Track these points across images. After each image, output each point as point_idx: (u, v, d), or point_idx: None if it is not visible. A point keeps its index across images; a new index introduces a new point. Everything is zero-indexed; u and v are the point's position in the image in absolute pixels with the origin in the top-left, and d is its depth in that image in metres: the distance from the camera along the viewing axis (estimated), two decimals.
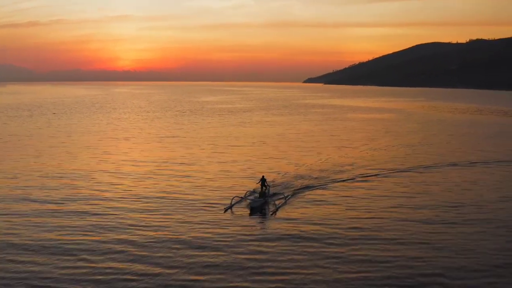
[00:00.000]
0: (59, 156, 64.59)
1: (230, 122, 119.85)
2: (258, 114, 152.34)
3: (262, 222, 36.20)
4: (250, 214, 37.36)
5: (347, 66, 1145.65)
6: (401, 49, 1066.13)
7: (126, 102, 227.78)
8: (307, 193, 44.92)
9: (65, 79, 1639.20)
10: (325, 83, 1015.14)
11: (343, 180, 51.15)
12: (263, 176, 42.22)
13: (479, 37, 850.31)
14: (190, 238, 31.75)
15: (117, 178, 50.90)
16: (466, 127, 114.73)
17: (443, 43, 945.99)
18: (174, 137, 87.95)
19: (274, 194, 42.72)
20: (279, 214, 37.81)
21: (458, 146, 79.70)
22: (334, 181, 50.74)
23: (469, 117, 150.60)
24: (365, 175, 54.16)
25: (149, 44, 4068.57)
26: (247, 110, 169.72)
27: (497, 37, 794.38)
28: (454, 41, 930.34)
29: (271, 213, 37.80)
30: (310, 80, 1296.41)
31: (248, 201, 40.30)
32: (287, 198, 41.79)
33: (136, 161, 61.62)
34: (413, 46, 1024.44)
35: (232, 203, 39.59)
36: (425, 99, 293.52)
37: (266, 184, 41.66)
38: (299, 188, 46.47)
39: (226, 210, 38.04)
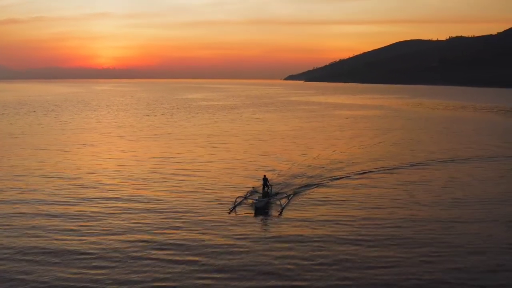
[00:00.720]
0: (59, 155, 64.01)
1: (221, 119, 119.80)
2: (246, 111, 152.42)
3: (269, 223, 35.48)
4: (255, 215, 36.71)
5: (327, 63, 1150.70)
6: (381, 46, 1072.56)
7: (112, 99, 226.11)
8: (309, 191, 44.57)
9: (42, 77, 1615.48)
10: (306, 80, 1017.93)
11: (343, 178, 51.20)
12: (264, 176, 41.80)
13: (459, 34, 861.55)
14: (196, 241, 30.79)
15: (119, 178, 50.56)
16: (459, 124, 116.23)
17: (424, 40, 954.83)
18: (169, 134, 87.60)
19: (276, 194, 42.00)
20: (285, 214, 37.26)
21: (454, 142, 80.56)
22: (334, 178, 50.64)
23: (456, 114, 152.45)
24: (363, 171, 54.40)
25: (129, 41, 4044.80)
26: (235, 107, 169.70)
27: (476, 34, 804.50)
28: (434, 39, 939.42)
29: (278, 213, 37.11)
30: (290, 77, 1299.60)
31: (251, 201, 39.54)
32: (290, 198, 41.17)
33: (135, 160, 61.03)
34: (393, 43, 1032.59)
35: (236, 203, 38.74)
36: (408, 96, 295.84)
37: (268, 183, 41.07)
38: (300, 187, 46.00)
39: (230, 211, 37.14)
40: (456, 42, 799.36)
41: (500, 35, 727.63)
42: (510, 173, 56.05)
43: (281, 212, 37.17)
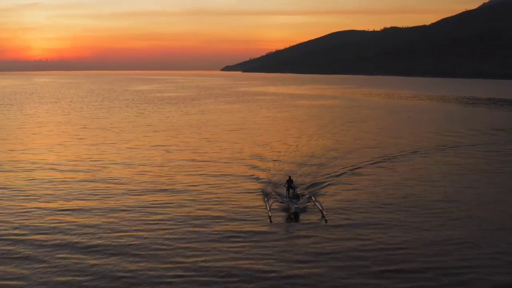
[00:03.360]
0: (61, 150, 61.90)
1: (189, 111, 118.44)
2: (207, 102, 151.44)
3: (323, 230, 31.81)
4: (297, 220, 33.87)
5: (264, 54, 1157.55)
6: (317, 36, 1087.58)
7: (64, 92, 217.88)
8: (327, 188, 42.34)
9: None
10: (243, 71, 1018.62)
11: (356, 168, 51.69)
12: (289, 177, 38.73)
13: (394, 25, 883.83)
14: (246, 264, 26.44)
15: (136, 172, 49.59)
16: (422, 113, 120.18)
17: (359, 31, 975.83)
18: (149, 125, 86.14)
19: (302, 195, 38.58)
20: (323, 216, 34.32)
21: (440, 131, 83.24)
22: (345, 169, 50.82)
23: (414, 103, 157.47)
24: (374, 162, 55.68)
25: (61, 32, 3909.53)
26: (194, 99, 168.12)
27: (410, 25, 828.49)
28: (369, 29, 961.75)
29: (320, 217, 34.18)
30: (227, 68, 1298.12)
31: (277, 204, 36.67)
32: (315, 198, 37.99)
33: (137, 153, 59.89)
34: (329, 34, 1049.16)
35: (269, 209, 35.30)
36: (355, 86, 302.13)
37: (293, 185, 37.95)
38: (318, 184, 43.79)
39: (271, 220, 33.57)
40: (391, 33, 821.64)
41: (433, 25, 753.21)
42: None
43: (323, 216, 34.16)
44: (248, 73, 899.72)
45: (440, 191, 41.62)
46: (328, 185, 43.41)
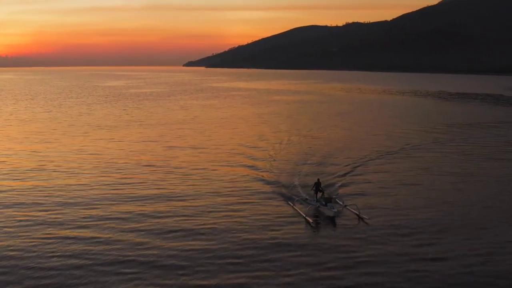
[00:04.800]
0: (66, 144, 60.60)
1: (171, 107, 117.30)
2: (184, 98, 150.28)
3: (366, 233, 30.64)
4: (335, 225, 31.98)
5: (226, 50, 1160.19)
6: (279, 32, 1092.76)
7: (33, 88, 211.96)
8: (348, 188, 41.32)
9: None
10: (206, 67, 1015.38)
11: (370, 160, 52.78)
12: (318, 179, 37.23)
13: (355, 20, 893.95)
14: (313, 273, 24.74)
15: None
16: (401, 108, 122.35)
17: (321, 26, 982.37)
18: (139, 122, 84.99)
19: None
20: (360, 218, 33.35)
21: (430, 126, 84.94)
22: (356, 163, 51.43)
23: (391, 98, 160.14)
24: (383, 154, 56.77)
25: (22, 28, 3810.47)
26: (170, 95, 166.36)
27: (372, 20, 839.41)
28: (331, 24, 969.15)
29: (363, 221, 32.79)
30: (190, 64, 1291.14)
31: (317, 206, 34.72)
32: (342, 200, 36.44)
33: (142, 148, 59.15)
34: (291, 29, 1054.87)
35: (306, 214, 33.50)
36: (323, 81, 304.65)
37: (321, 187, 36.28)
38: (339, 183, 42.81)
39: (310, 223, 32.18)
40: (353, 28, 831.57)
41: (394, 21, 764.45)
42: None
43: (362, 218, 33.00)
44: (211, 68, 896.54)
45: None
46: (347, 184, 42.67)
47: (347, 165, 50.07)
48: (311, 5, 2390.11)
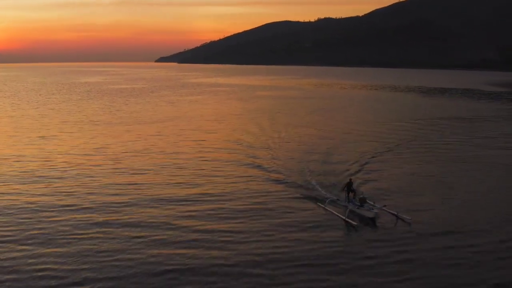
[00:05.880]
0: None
1: (158, 103, 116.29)
2: (167, 94, 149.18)
3: (411, 235, 29.80)
4: (376, 226, 31.02)
5: (198, 45, 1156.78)
6: (252, 27, 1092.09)
7: (9, 85, 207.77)
8: (373, 184, 40.98)
9: None
10: (178, 62, 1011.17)
11: (387, 152, 54.37)
12: (350, 180, 36.22)
13: (327, 16, 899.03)
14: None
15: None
16: (387, 103, 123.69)
17: (293, 21, 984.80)
18: (134, 117, 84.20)
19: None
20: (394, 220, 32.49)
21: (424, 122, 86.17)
22: (366, 157, 52.25)
23: (371, 93, 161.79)
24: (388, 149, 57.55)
25: None
26: (152, 91, 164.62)
27: (343, 16, 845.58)
28: (304, 20, 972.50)
29: (405, 219, 31.99)
30: (162, 59, 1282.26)
31: (356, 208, 33.08)
32: (373, 201, 35.04)
33: (145, 143, 58.70)
34: (264, 25, 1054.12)
35: (347, 216, 32.19)
36: (300, 77, 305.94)
37: (353, 188, 35.22)
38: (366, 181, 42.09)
39: (355, 227, 31.04)
40: (326, 24, 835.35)
41: (365, 17, 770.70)
42: None
43: (402, 219, 32.16)
44: (183, 64, 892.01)
45: None
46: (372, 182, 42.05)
47: (354, 163, 49.53)
48: (283, 1, 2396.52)
